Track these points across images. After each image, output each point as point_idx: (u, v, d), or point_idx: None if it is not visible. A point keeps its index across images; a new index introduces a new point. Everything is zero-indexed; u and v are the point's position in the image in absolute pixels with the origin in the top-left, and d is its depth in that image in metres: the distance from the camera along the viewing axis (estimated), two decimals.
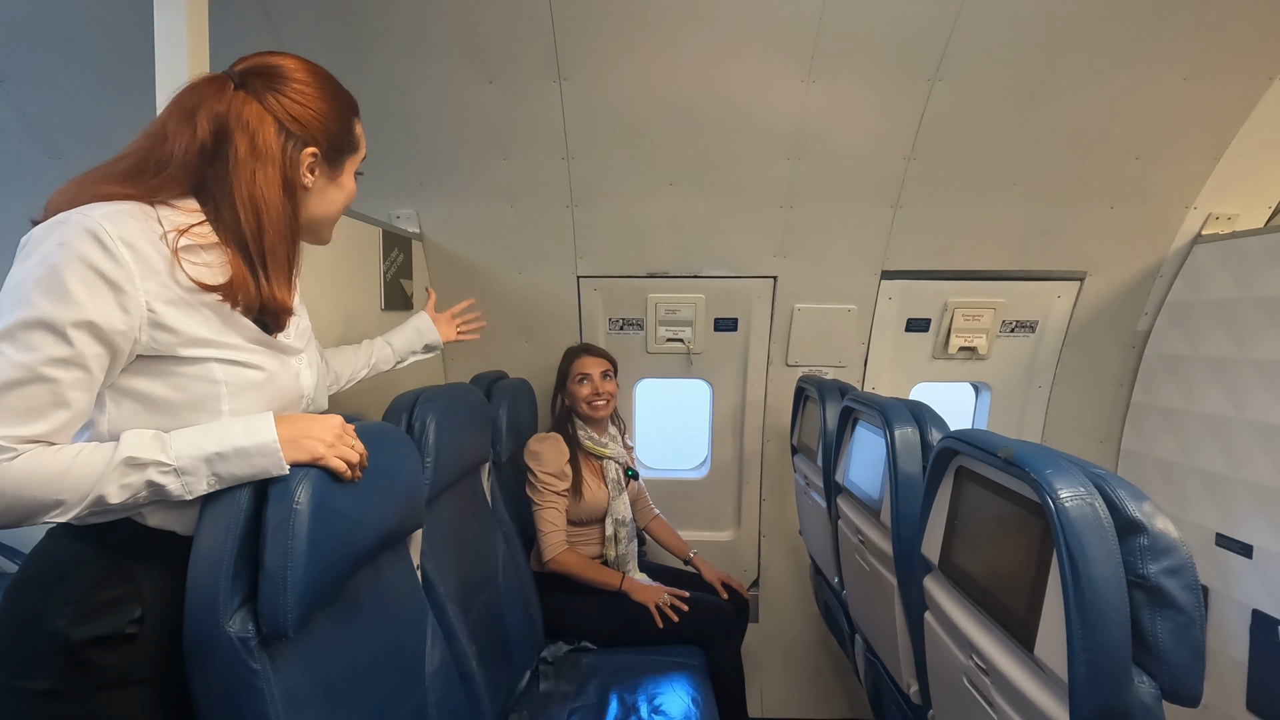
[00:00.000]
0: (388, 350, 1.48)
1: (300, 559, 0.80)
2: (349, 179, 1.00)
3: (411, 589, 1.18)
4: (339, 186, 0.98)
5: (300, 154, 0.89)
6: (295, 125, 0.88)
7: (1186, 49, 1.73)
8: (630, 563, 2.01)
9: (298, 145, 0.88)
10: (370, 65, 1.80)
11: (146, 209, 0.79)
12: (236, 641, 0.77)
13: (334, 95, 0.93)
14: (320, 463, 0.84)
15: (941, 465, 1.09)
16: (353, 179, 1.01)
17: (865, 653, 1.67)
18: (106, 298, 0.73)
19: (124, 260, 0.74)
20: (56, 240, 0.72)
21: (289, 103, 0.87)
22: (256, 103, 0.85)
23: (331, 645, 0.92)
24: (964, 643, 0.98)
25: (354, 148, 0.99)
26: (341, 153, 0.96)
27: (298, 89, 0.88)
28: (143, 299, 0.75)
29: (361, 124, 1.01)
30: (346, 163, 0.98)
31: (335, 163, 0.95)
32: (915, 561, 1.17)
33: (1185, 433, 2.06)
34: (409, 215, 2.13)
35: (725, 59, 1.79)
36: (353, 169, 1.00)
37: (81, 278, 0.71)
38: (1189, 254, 2.10)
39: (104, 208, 0.75)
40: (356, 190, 1.03)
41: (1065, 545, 0.72)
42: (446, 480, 1.44)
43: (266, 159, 0.85)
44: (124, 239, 0.74)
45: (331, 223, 1.01)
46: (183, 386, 0.80)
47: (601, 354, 2.09)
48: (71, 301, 0.71)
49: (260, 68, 0.88)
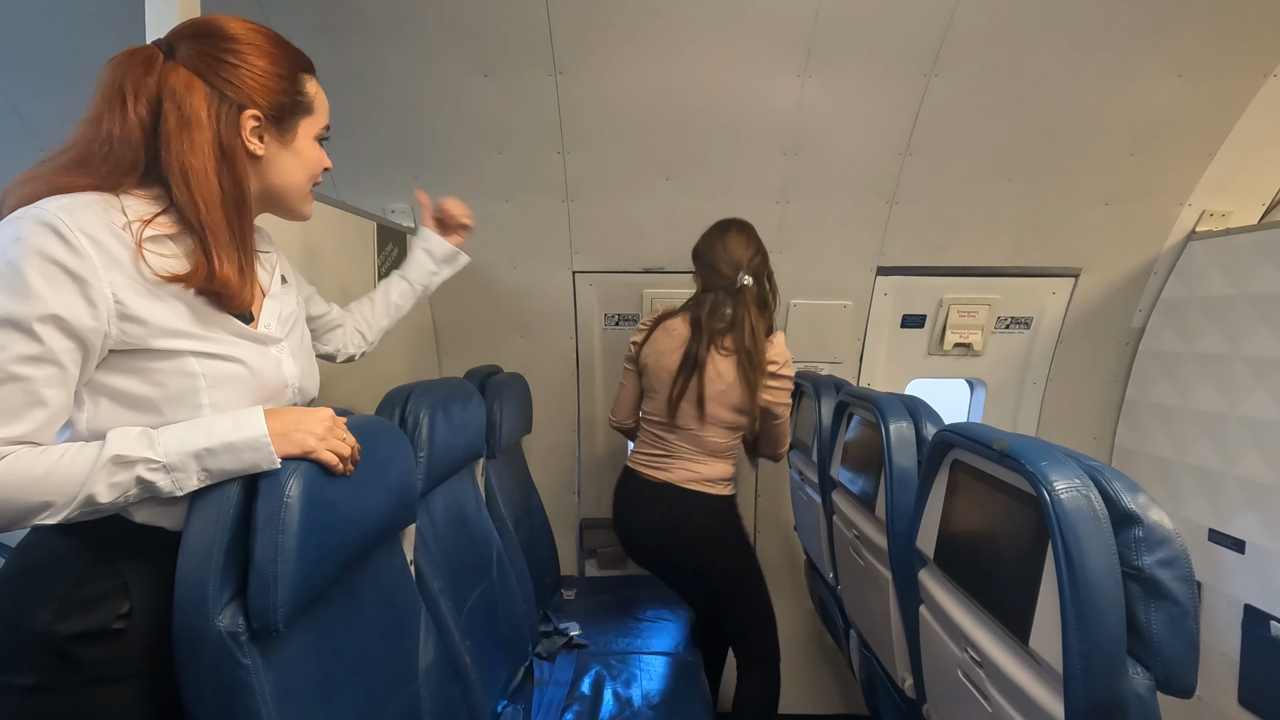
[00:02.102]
0: (403, 285, 1.36)
1: (291, 553, 0.79)
2: (306, 144, 0.92)
3: (404, 584, 1.17)
4: (295, 153, 0.91)
5: (239, 118, 0.83)
6: (229, 88, 0.82)
7: (1181, 46, 1.73)
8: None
9: (233, 109, 0.82)
10: (365, 58, 1.79)
11: (109, 198, 0.77)
12: (226, 636, 0.76)
13: (273, 52, 0.86)
14: (311, 456, 0.83)
15: (937, 459, 1.09)
16: (314, 145, 0.94)
17: (860, 648, 1.68)
18: (70, 291, 0.70)
19: (85, 252, 0.71)
20: (12, 235, 0.69)
21: (220, 64, 0.81)
22: (184, 69, 0.80)
23: (323, 641, 0.91)
24: (959, 636, 0.98)
25: (305, 108, 0.91)
26: (290, 114, 0.89)
27: (230, 47, 0.83)
28: (108, 290, 0.73)
29: (319, 84, 0.94)
30: (300, 125, 0.91)
31: (285, 126, 0.89)
32: (910, 555, 1.17)
33: (1178, 429, 2.06)
34: (404, 210, 2.12)
35: (721, 54, 1.78)
36: (309, 132, 0.92)
37: (42, 271, 0.69)
38: (1183, 251, 2.10)
39: (61, 200, 0.73)
40: (327, 159, 0.97)
41: (1061, 537, 0.72)
42: (440, 475, 1.43)
43: (195, 125, 0.79)
44: (83, 230, 0.71)
45: (298, 194, 0.94)
46: (159, 382, 0.78)
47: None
48: (33, 296, 0.69)
49: (189, 30, 0.83)
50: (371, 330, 1.33)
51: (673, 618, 2.06)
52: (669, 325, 1.75)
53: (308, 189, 0.96)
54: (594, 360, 2.37)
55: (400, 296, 1.36)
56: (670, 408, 1.72)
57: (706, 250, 1.75)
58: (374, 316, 1.33)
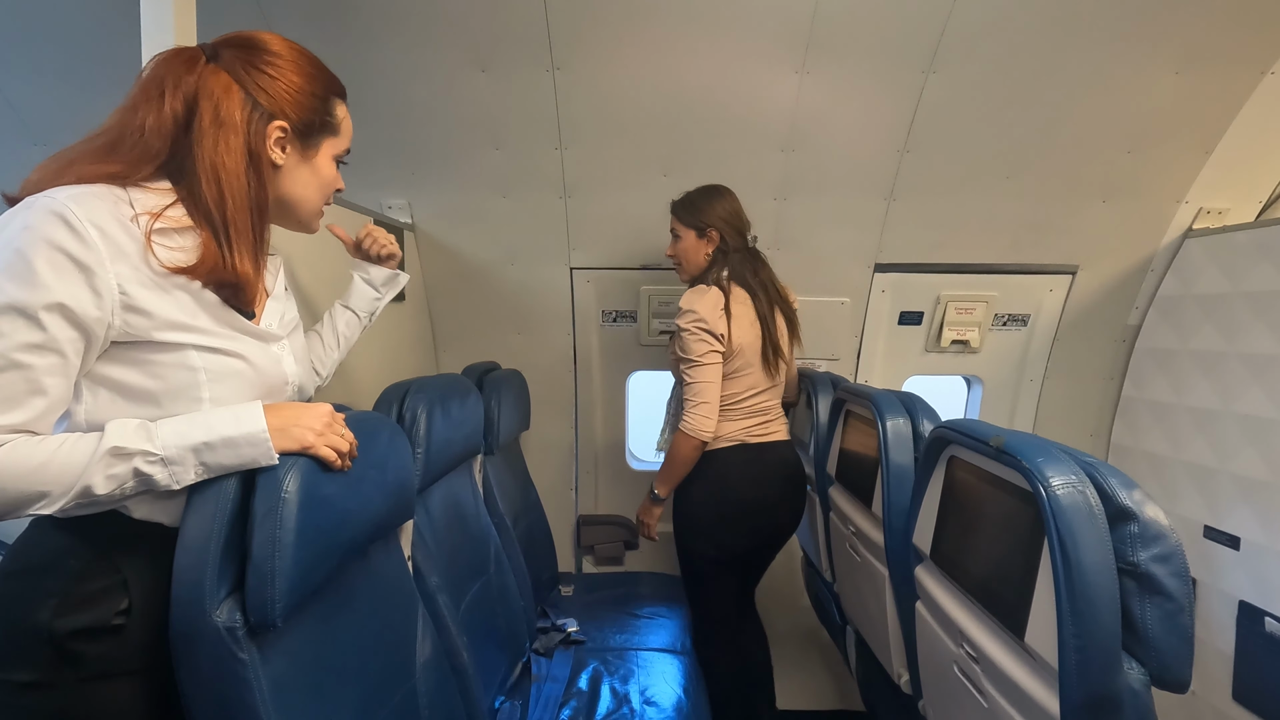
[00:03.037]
0: (349, 315, 1.31)
1: (288, 548, 0.79)
2: (325, 162, 0.96)
3: (402, 580, 1.17)
4: (313, 169, 0.95)
5: (267, 127, 0.87)
6: (264, 96, 0.86)
7: (1178, 43, 1.73)
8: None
9: (264, 117, 0.86)
10: (361, 53, 1.78)
11: (117, 191, 0.78)
12: (224, 631, 0.76)
13: (310, 72, 0.91)
14: (310, 451, 0.83)
15: (933, 455, 1.09)
16: (331, 165, 0.98)
17: (856, 644, 1.68)
18: (76, 280, 0.71)
19: (93, 242, 0.72)
20: (21, 224, 0.70)
21: (259, 74, 0.86)
22: (226, 74, 0.84)
23: (320, 636, 0.91)
24: (955, 632, 0.98)
25: (331, 129, 0.96)
26: (316, 132, 0.93)
27: (270, 60, 0.87)
28: (114, 281, 0.73)
29: (347, 110, 0.98)
30: (323, 144, 0.95)
31: (308, 142, 0.93)
32: (907, 552, 1.17)
33: (1174, 426, 2.07)
34: (401, 205, 2.12)
35: (719, 49, 1.78)
36: (330, 152, 0.97)
37: (49, 260, 0.70)
38: (1180, 248, 2.11)
39: (70, 190, 0.74)
40: (341, 181, 1.00)
41: (1056, 533, 0.72)
42: (438, 471, 1.43)
43: (229, 128, 0.83)
44: (92, 220, 0.72)
45: (309, 209, 0.97)
46: (160, 374, 0.79)
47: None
48: (40, 285, 0.69)
49: (236, 40, 0.87)
50: (324, 365, 1.27)
51: (670, 614, 2.06)
52: (736, 296, 1.72)
53: (320, 205, 0.99)
54: (591, 357, 2.37)
55: (347, 327, 1.31)
56: (768, 369, 1.76)
57: (726, 209, 1.76)
58: (324, 351, 1.28)
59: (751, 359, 1.73)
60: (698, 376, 1.67)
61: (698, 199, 1.77)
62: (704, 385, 1.66)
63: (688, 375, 1.69)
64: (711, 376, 1.67)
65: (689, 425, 1.67)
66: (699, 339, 1.66)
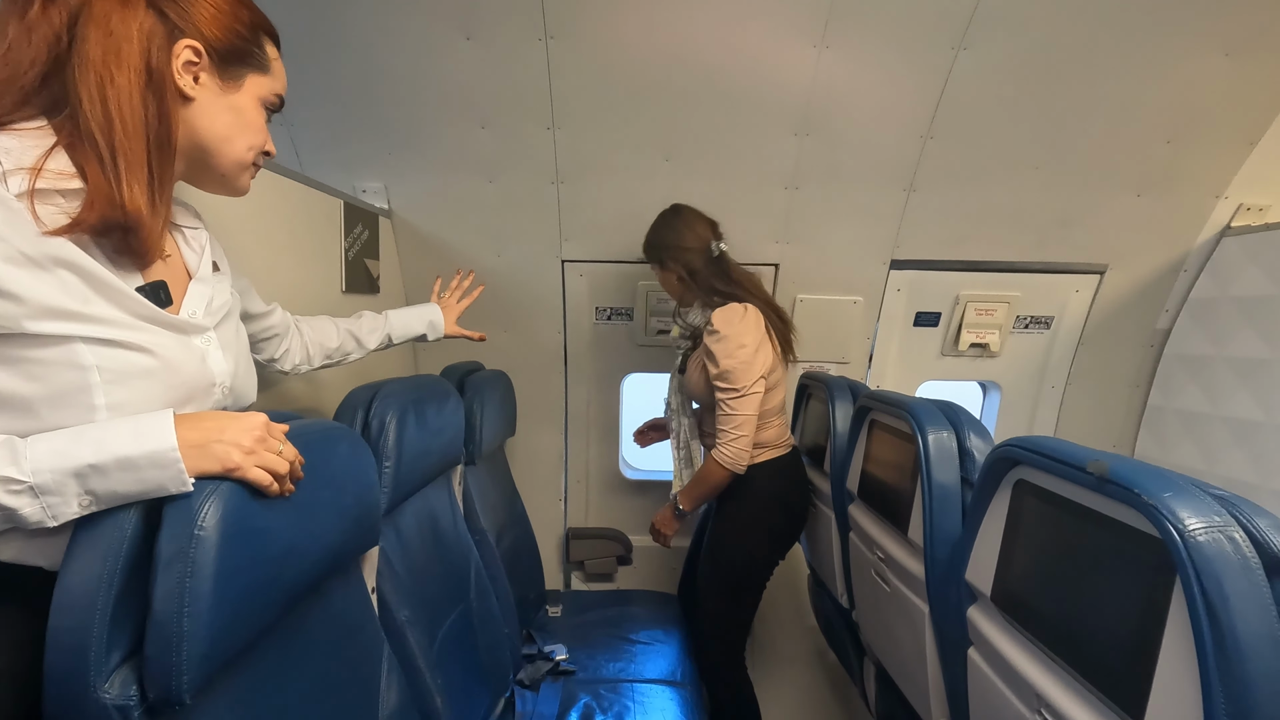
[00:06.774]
0: (383, 338, 1.35)
1: (203, 601, 0.61)
2: (249, 102, 0.79)
3: (364, 619, 0.99)
4: (233, 107, 0.77)
5: (175, 45, 0.70)
6: (173, 9, 0.70)
7: (1232, 21, 1.59)
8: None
9: (173, 32, 0.70)
10: (331, 18, 1.60)
11: None
12: (113, 710, 0.58)
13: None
14: (236, 474, 0.65)
15: (995, 477, 0.92)
16: (258, 109, 0.81)
17: (877, 678, 1.52)
18: None
19: None
20: None
21: None
22: None
23: (253, 703, 0.73)
24: (1028, 693, 0.82)
25: (259, 65, 0.80)
26: (239, 61, 0.77)
27: None
28: None
29: (279, 51, 0.83)
30: (246, 79, 0.78)
31: (229, 74, 0.76)
32: (956, 588, 1.01)
33: (1206, 437, 1.94)
34: (376, 189, 1.93)
35: (729, 20, 1.62)
36: (256, 92, 0.80)
37: None
38: (1216, 247, 1.97)
39: None
40: (271, 142, 0.84)
41: (1201, 593, 0.56)
42: (410, 487, 1.25)
43: (121, 37, 0.66)
44: None
45: (231, 156, 0.79)
46: (38, 375, 0.61)
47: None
48: None
49: None
50: (319, 357, 1.23)
51: (667, 639, 1.89)
52: (757, 320, 1.63)
53: (245, 155, 0.81)
54: (583, 356, 2.20)
55: (374, 342, 1.33)
56: (785, 366, 1.74)
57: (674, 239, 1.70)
58: (329, 343, 1.25)
59: (777, 365, 1.69)
60: (740, 408, 1.58)
61: (651, 235, 1.74)
62: (746, 418, 1.58)
63: (729, 405, 1.59)
64: (755, 408, 1.59)
65: (727, 459, 1.59)
66: (749, 369, 1.57)
